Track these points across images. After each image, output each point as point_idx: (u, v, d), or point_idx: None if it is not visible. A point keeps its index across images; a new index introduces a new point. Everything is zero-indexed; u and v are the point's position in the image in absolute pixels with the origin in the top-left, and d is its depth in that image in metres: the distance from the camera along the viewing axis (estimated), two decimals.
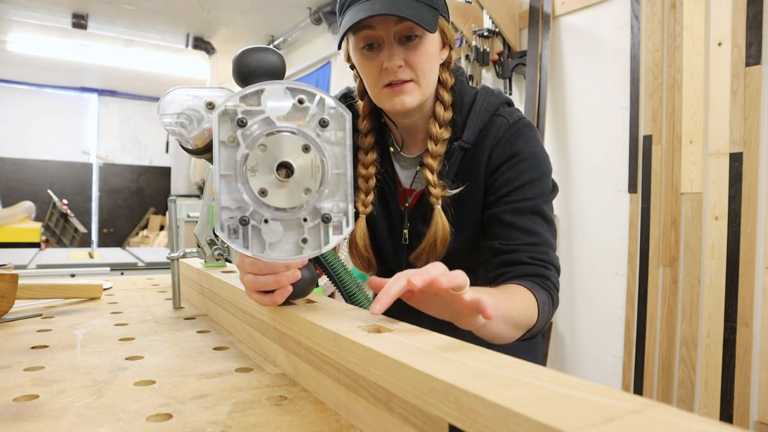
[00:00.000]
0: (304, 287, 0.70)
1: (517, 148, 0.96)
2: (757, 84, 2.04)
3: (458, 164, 0.99)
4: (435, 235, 0.97)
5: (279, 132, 0.60)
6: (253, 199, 0.60)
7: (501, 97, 1.02)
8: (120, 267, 3.16)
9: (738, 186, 2.09)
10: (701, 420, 0.33)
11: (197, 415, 0.55)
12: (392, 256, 1.09)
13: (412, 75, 0.93)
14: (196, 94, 0.79)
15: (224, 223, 0.60)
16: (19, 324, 0.98)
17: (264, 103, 0.60)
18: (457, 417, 0.40)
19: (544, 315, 0.85)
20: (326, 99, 0.62)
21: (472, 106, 1.00)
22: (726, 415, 2.10)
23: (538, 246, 0.91)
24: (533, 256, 0.90)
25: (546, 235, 0.93)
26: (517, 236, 0.92)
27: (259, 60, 0.68)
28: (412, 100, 0.94)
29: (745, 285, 2.06)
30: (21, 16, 5.50)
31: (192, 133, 0.79)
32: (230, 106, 0.60)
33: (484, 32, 3.07)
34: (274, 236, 0.61)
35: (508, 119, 0.98)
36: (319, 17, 5.16)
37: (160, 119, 0.79)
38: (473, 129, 0.98)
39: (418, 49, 0.92)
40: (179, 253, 1.12)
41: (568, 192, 2.85)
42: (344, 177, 0.62)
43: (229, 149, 0.60)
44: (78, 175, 9.40)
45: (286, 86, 0.61)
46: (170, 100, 0.78)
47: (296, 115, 0.61)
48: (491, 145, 0.97)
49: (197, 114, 0.78)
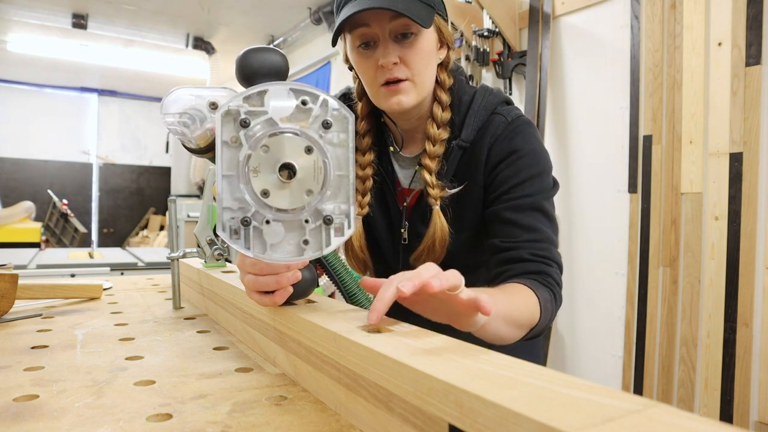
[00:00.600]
0: (304, 288, 0.70)
1: (515, 145, 0.95)
2: (757, 84, 2.04)
3: (457, 163, 0.99)
4: (434, 236, 0.97)
5: (282, 133, 0.60)
6: (255, 199, 0.60)
7: (500, 96, 1.02)
8: (120, 267, 3.16)
9: (738, 186, 2.09)
10: (701, 420, 0.33)
11: (197, 415, 0.55)
12: (391, 256, 1.08)
13: (408, 73, 0.92)
14: (199, 94, 0.79)
15: (226, 224, 0.60)
16: (19, 324, 0.98)
17: (267, 104, 0.60)
18: (457, 417, 0.40)
19: (546, 313, 0.84)
20: (329, 101, 0.62)
21: (471, 105, 0.99)
22: (726, 415, 2.10)
23: (539, 242, 0.90)
24: (534, 253, 0.89)
25: (547, 232, 0.92)
26: (518, 233, 0.91)
27: (263, 60, 0.69)
28: (409, 100, 0.93)
29: (745, 285, 2.06)
30: (21, 16, 5.50)
31: (195, 133, 0.79)
32: (233, 106, 0.60)
33: (484, 32, 3.07)
34: (275, 237, 0.61)
35: (507, 117, 0.98)
36: (319, 17, 5.16)
37: (163, 118, 0.79)
38: (472, 128, 0.98)
39: (414, 46, 0.91)
40: (179, 253, 1.12)
41: (568, 192, 2.85)
42: (346, 179, 0.62)
43: (232, 149, 0.60)
44: (78, 175, 9.40)
45: (290, 87, 0.61)
46: (173, 100, 0.78)
47: (299, 117, 0.61)
48: (489, 143, 0.97)
49: (200, 114, 0.78)
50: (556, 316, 0.89)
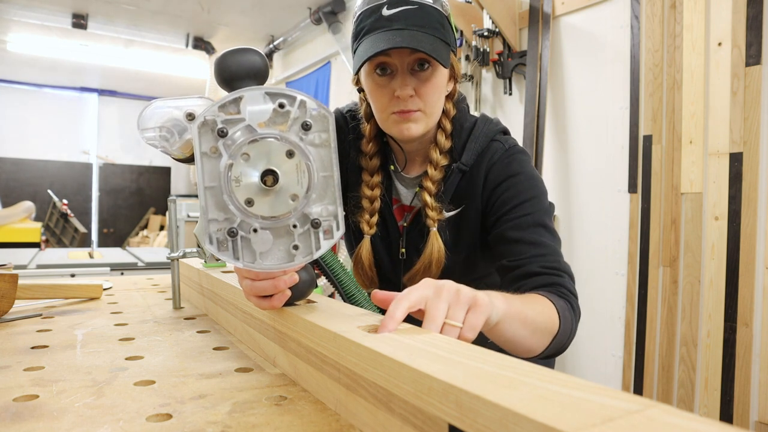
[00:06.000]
0: (303, 290, 0.70)
1: (513, 169, 0.99)
2: (757, 84, 2.04)
3: (456, 186, 1.03)
4: (430, 257, 1.00)
5: (261, 139, 0.59)
6: (239, 209, 0.59)
7: (499, 126, 1.06)
8: (120, 267, 3.16)
9: (738, 186, 2.09)
10: (701, 420, 0.33)
11: (197, 415, 0.55)
12: (390, 271, 1.11)
13: (421, 105, 0.95)
14: (176, 105, 0.78)
15: (212, 236, 0.59)
16: (19, 324, 0.98)
17: (244, 111, 0.59)
18: (457, 417, 0.40)
19: (566, 322, 0.83)
20: (307, 101, 0.60)
21: (472, 131, 1.04)
22: (726, 415, 2.10)
23: (547, 255, 0.91)
24: (544, 266, 0.90)
25: (552, 245, 0.94)
26: (524, 250, 0.92)
27: (240, 62, 0.66)
28: (418, 129, 0.96)
29: (745, 285, 2.06)
30: (21, 16, 5.50)
31: (175, 145, 0.78)
32: (209, 116, 0.58)
33: (484, 32, 3.07)
34: (264, 245, 0.60)
35: (504, 144, 1.02)
36: (319, 17, 5.16)
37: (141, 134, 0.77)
38: (472, 152, 1.01)
39: (430, 81, 0.95)
40: (179, 253, 1.12)
41: (568, 192, 2.85)
42: (331, 179, 0.61)
43: (212, 160, 0.58)
44: (78, 175, 9.40)
45: (266, 91, 0.60)
46: (149, 115, 0.77)
47: (278, 120, 0.60)
48: (487, 168, 1.00)
49: (179, 125, 0.77)
50: (576, 329, 0.87)
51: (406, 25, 0.90)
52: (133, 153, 9.76)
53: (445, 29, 0.94)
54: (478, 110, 3.31)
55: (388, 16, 0.91)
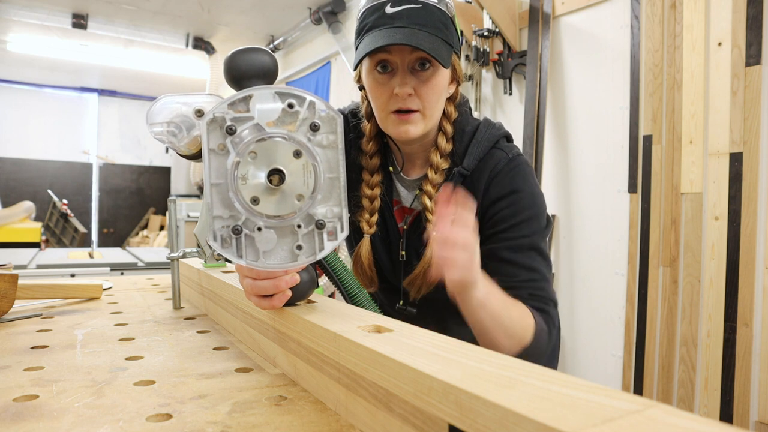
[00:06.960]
0: (303, 290, 0.70)
1: (516, 185, 0.98)
2: (757, 84, 2.04)
3: None
4: (429, 262, 0.99)
5: (269, 138, 0.59)
6: (245, 207, 0.59)
7: (501, 130, 1.05)
8: (120, 267, 3.16)
9: (738, 186, 2.09)
10: (701, 420, 0.33)
11: (197, 415, 0.55)
12: (390, 272, 1.10)
13: (420, 105, 0.95)
14: (185, 101, 0.78)
15: (217, 233, 0.59)
16: (19, 324, 0.98)
17: (253, 109, 0.59)
18: (457, 417, 0.40)
19: (540, 340, 0.86)
20: (317, 102, 0.60)
21: (474, 135, 1.02)
22: (726, 415, 2.10)
23: (537, 282, 0.94)
24: (533, 293, 0.92)
25: (544, 272, 0.96)
26: (517, 273, 0.94)
27: (250, 61, 0.67)
28: (416, 130, 0.96)
29: (745, 285, 2.06)
30: (21, 16, 5.50)
31: (182, 141, 0.78)
32: (218, 113, 0.58)
33: (484, 32, 3.07)
34: (267, 244, 0.60)
35: (508, 153, 1.01)
36: (319, 17, 5.16)
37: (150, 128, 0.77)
38: (474, 157, 1.01)
39: (430, 81, 0.94)
40: (179, 253, 1.12)
41: (568, 192, 2.85)
42: (337, 181, 0.61)
43: (219, 157, 0.59)
44: (78, 175, 9.40)
45: (275, 91, 0.60)
46: (158, 110, 0.77)
47: (286, 120, 0.60)
48: (489, 177, 0.99)
49: (187, 121, 0.77)
50: (547, 353, 0.91)
51: (408, 24, 0.90)
52: (133, 153, 9.75)
53: (448, 30, 0.94)
54: (478, 110, 3.31)
55: (391, 14, 0.91)
